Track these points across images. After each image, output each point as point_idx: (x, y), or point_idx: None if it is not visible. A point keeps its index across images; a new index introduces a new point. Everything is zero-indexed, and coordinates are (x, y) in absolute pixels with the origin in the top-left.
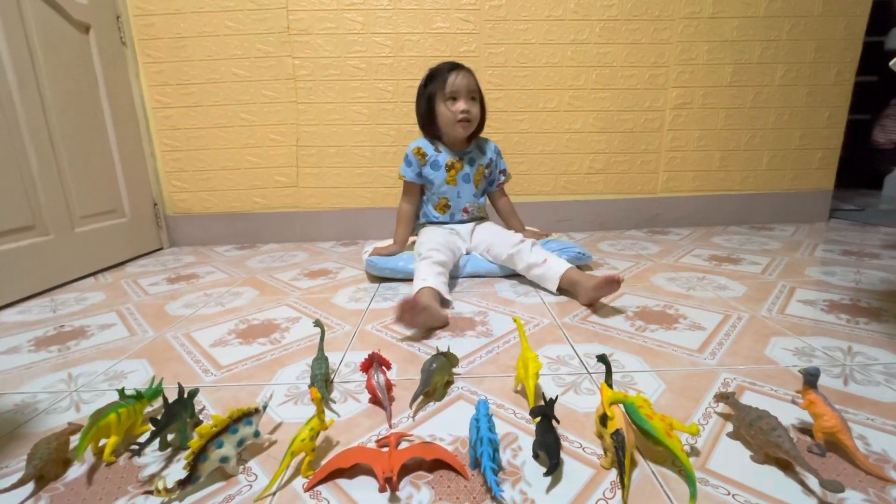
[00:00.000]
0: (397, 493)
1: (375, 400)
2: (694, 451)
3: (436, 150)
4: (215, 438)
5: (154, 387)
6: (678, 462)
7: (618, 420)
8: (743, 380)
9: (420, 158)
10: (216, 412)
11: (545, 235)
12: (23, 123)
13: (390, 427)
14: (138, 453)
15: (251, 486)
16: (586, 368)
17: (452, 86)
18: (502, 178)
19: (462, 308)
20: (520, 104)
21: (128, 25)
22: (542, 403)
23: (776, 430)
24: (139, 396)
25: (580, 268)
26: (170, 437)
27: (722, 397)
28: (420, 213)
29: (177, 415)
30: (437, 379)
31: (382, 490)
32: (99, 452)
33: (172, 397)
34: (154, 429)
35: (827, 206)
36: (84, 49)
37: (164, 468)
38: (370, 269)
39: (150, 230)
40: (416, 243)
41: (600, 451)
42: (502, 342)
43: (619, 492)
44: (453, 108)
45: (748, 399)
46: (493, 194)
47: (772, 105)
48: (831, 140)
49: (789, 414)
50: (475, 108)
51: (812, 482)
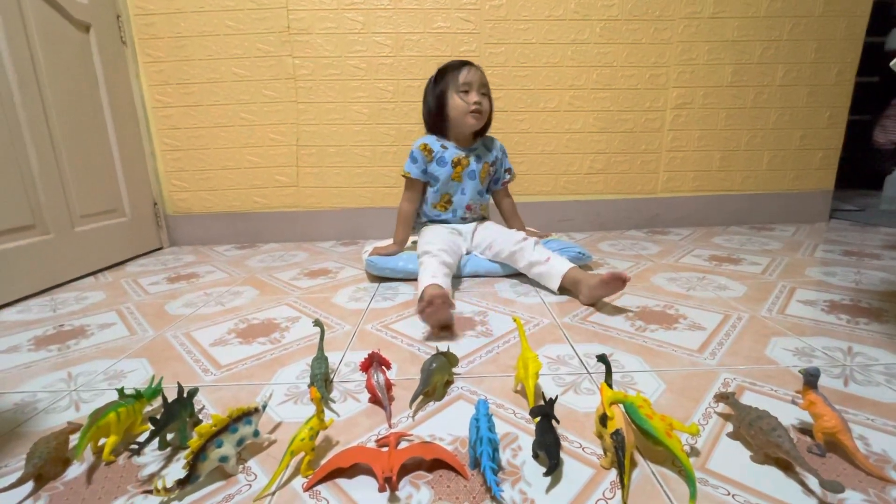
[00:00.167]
0: (397, 493)
1: (375, 400)
2: (694, 451)
3: (442, 147)
4: (215, 438)
5: (153, 386)
6: (678, 462)
7: (618, 420)
8: (743, 380)
9: (427, 155)
10: (216, 411)
11: (545, 236)
12: (23, 123)
13: (390, 427)
14: (138, 452)
15: (250, 486)
16: (586, 368)
17: (465, 77)
18: (507, 177)
19: (462, 308)
20: (520, 104)
21: (128, 25)
22: (542, 403)
23: (776, 431)
24: (139, 396)
25: (580, 268)
26: (169, 437)
27: (722, 397)
28: (420, 213)
29: (176, 414)
30: (437, 378)
31: (382, 490)
32: (98, 452)
33: (172, 396)
34: (153, 428)
35: (827, 207)
36: (84, 48)
37: (164, 467)
38: (370, 269)
39: (150, 229)
40: (420, 241)
41: (600, 451)
42: (502, 342)
43: (619, 492)
44: (466, 99)
45: (748, 399)
46: (498, 193)
47: (772, 105)
48: (832, 140)
49: (789, 414)
50: (486, 103)
51: (812, 482)
